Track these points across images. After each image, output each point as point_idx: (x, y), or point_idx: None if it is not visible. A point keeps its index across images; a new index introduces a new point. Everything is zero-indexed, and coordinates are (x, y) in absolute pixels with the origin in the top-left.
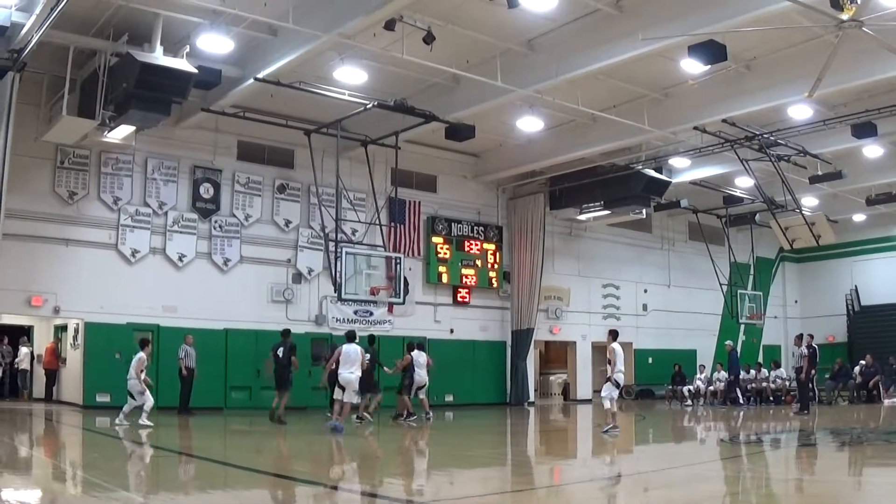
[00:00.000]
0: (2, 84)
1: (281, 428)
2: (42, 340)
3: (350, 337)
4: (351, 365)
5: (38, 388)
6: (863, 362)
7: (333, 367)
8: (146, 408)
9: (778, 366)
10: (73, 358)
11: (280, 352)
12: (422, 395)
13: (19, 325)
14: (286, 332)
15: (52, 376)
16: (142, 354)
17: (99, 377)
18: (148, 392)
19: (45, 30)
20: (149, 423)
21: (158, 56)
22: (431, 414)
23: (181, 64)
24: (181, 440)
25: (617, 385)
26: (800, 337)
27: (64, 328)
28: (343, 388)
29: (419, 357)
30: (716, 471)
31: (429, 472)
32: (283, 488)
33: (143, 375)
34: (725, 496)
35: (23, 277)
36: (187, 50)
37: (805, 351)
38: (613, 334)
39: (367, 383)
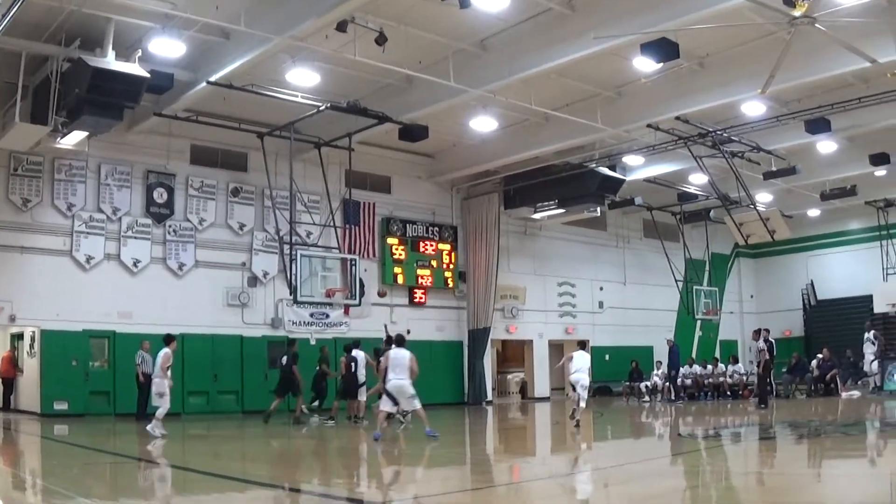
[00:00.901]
0: None
1: (267, 429)
2: None
3: (399, 341)
4: (401, 371)
5: None
6: (820, 356)
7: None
8: (158, 414)
9: (736, 361)
10: (30, 366)
11: (284, 360)
12: (361, 398)
13: None
14: (291, 342)
15: (8, 385)
16: (167, 350)
17: (56, 385)
18: (168, 396)
19: None
20: (160, 431)
21: (110, 61)
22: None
23: (133, 69)
24: (139, 446)
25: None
26: (757, 332)
27: (20, 336)
28: (391, 397)
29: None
30: (675, 465)
31: (387, 473)
32: (240, 491)
33: (168, 374)
34: (685, 490)
35: None
36: (139, 54)
37: (763, 345)
38: (397, 340)
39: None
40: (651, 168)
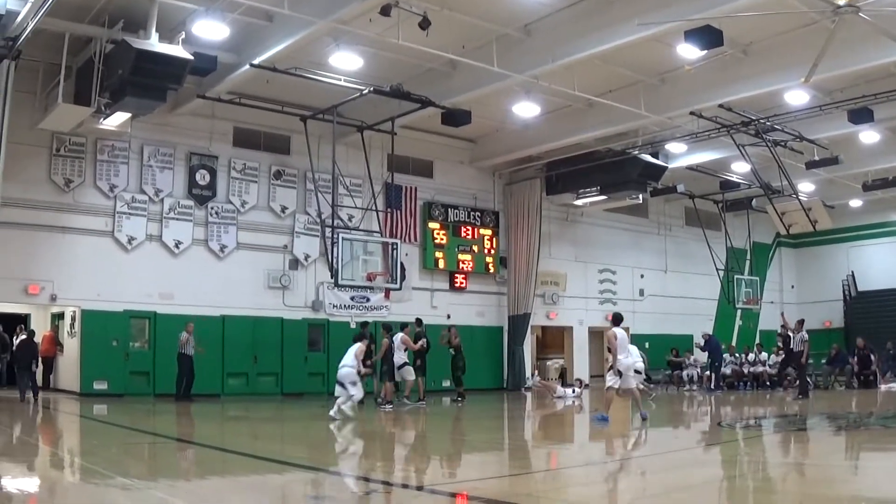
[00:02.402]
0: None
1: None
2: (39, 328)
3: (359, 337)
4: (349, 359)
5: (37, 377)
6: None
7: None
8: (355, 400)
9: (779, 350)
10: (70, 346)
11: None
12: (409, 377)
13: (16, 313)
14: (363, 325)
15: (49, 364)
16: (360, 345)
17: (96, 365)
18: (360, 384)
19: (40, 17)
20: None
21: (154, 43)
22: (409, 399)
23: (177, 50)
24: (180, 427)
25: (619, 373)
26: (801, 322)
27: (61, 316)
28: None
29: (397, 340)
30: (713, 455)
31: (423, 458)
32: (280, 473)
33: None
34: (722, 480)
35: (20, 265)
36: (183, 36)
37: (805, 336)
38: (614, 318)
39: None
40: (693, 156)
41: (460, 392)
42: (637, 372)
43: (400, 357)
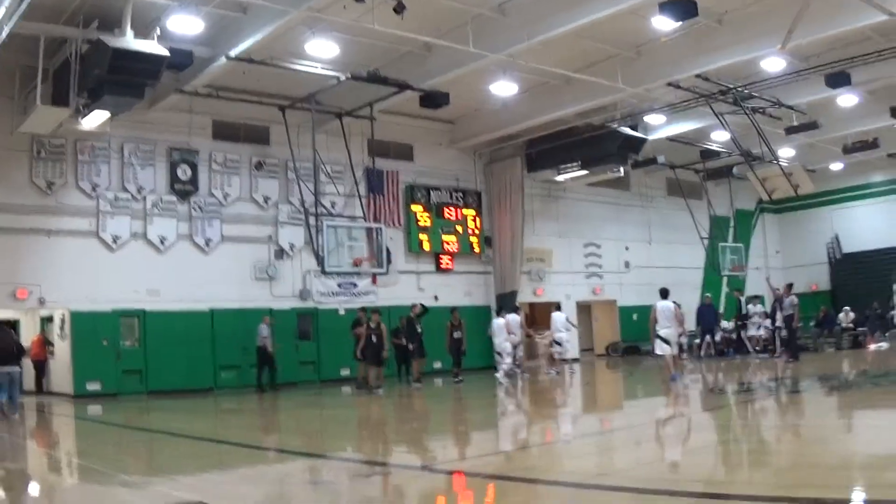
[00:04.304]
0: None
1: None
2: (28, 333)
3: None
4: None
5: (28, 381)
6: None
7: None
8: (504, 369)
9: (768, 316)
10: (61, 348)
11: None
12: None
13: (5, 319)
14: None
15: (40, 367)
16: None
17: (88, 366)
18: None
19: (14, 21)
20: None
21: (129, 40)
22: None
23: (152, 47)
24: (175, 422)
25: (665, 341)
26: (789, 286)
27: (50, 319)
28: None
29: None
30: (709, 421)
31: (429, 437)
32: (282, 462)
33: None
34: (717, 444)
35: (6, 270)
36: (158, 32)
37: (794, 299)
38: (661, 293)
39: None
40: (673, 127)
41: (456, 372)
42: (664, 341)
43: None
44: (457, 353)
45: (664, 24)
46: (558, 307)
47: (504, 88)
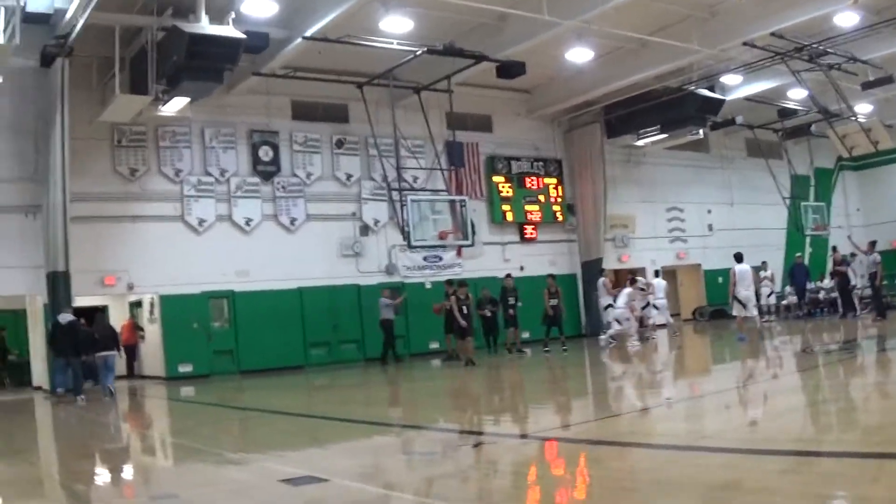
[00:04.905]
0: (52, 71)
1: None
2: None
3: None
4: None
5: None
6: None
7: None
8: (610, 333)
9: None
10: (151, 332)
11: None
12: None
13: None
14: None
15: (131, 352)
16: (629, 289)
17: (180, 348)
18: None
19: (88, 13)
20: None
21: (205, 26)
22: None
23: (228, 31)
24: (272, 399)
25: (741, 302)
26: (872, 244)
27: (138, 304)
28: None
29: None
30: (799, 381)
31: (527, 406)
32: (382, 434)
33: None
34: (806, 406)
35: (93, 258)
36: (232, 16)
37: (877, 257)
38: (735, 257)
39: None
40: (750, 86)
41: (557, 340)
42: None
43: (605, 300)
44: (554, 320)
45: None
46: (657, 273)
47: (579, 55)
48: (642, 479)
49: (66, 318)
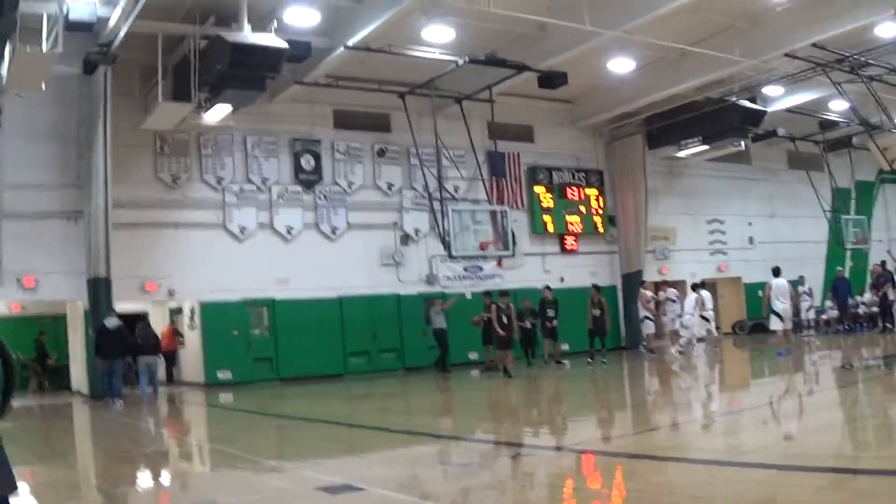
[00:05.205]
0: (94, 78)
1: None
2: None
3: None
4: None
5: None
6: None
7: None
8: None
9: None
10: (191, 338)
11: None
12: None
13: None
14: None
15: (170, 358)
16: (696, 295)
17: (219, 355)
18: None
19: (131, 21)
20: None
21: (248, 34)
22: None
23: (271, 40)
24: (310, 408)
25: (778, 316)
26: None
27: (178, 310)
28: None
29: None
30: (835, 398)
31: (567, 419)
32: (422, 444)
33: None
34: (844, 423)
35: (135, 264)
36: (275, 25)
37: None
38: (773, 271)
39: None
40: (791, 98)
41: (599, 352)
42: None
43: (643, 312)
44: (599, 332)
45: None
46: (702, 285)
47: (621, 65)
48: (680, 494)
49: (113, 322)
